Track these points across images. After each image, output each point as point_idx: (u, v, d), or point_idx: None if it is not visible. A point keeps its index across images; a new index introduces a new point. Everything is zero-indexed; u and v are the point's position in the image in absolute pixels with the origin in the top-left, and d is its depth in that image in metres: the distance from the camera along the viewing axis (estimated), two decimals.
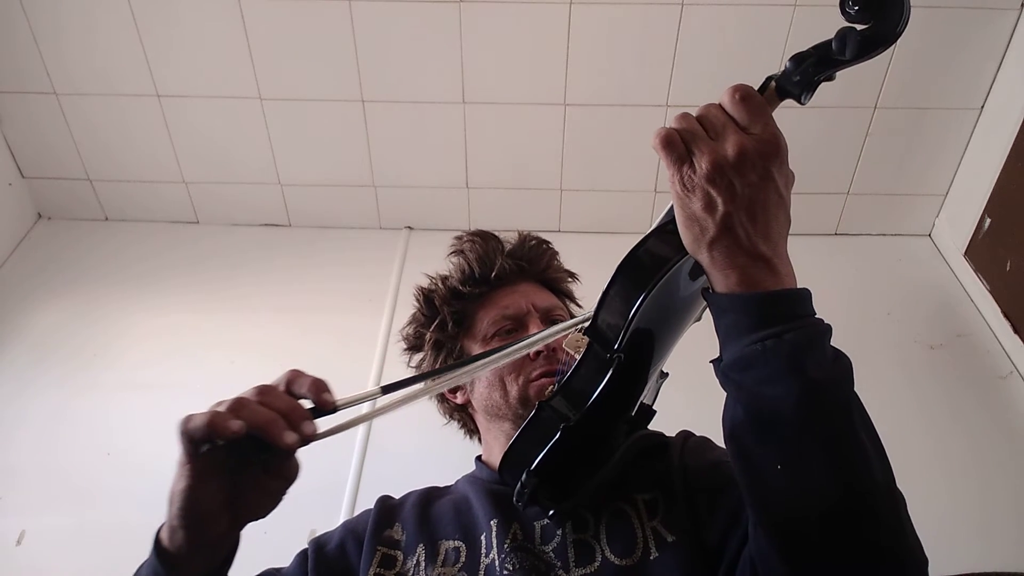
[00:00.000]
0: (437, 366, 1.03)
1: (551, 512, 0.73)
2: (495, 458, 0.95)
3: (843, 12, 0.56)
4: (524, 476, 0.70)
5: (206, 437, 0.56)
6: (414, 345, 1.08)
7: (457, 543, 0.82)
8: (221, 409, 0.56)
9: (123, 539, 1.40)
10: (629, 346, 0.64)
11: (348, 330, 1.81)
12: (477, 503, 0.86)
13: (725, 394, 0.61)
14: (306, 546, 0.86)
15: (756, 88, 0.59)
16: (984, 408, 1.66)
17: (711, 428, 0.87)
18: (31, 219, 2.14)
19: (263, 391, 0.58)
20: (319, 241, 2.09)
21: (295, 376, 0.60)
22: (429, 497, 0.91)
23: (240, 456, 0.58)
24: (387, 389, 0.64)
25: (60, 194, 2.11)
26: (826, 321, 0.59)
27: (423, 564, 0.80)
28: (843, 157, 2.00)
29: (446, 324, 1.01)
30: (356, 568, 0.82)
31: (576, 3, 1.77)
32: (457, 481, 0.97)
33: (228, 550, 0.64)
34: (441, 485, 0.96)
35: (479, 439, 1.05)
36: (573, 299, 1.11)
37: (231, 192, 2.10)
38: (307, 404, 0.59)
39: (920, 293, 1.95)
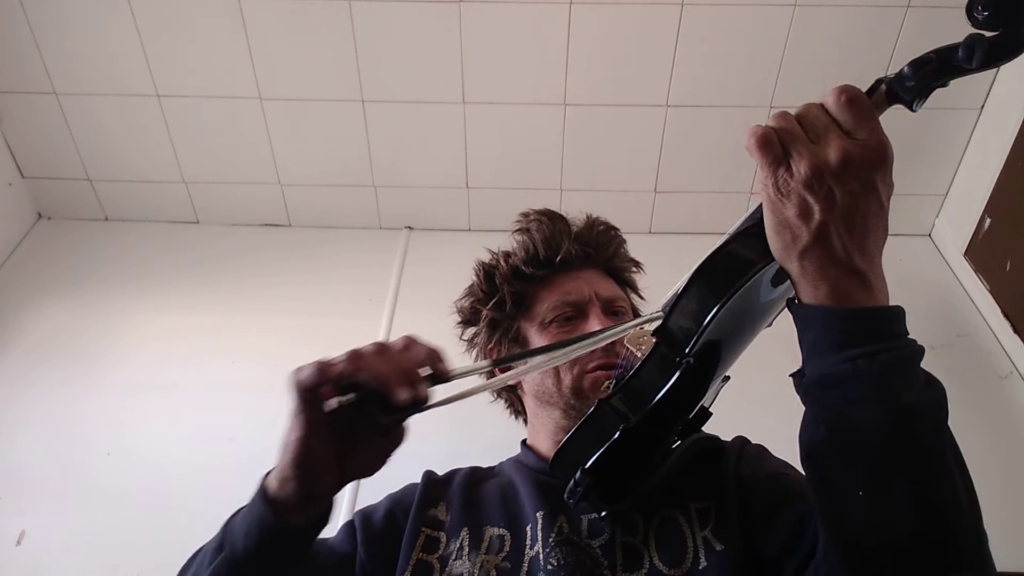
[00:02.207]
0: (491, 345, 1.00)
1: (603, 513, 0.71)
2: (541, 444, 0.94)
3: (970, 17, 0.52)
4: (578, 474, 0.67)
5: (315, 384, 0.56)
6: (468, 319, 1.06)
7: (502, 531, 0.81)
8: (341, 363, 0.56)
9: (123, 539, 1.41)
10: (699, 351, 0.62)
11: (348, 330, 1.80)
12: (524, 492, 0.84)
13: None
14: (351, 518, 0.86)
15: (866, 90, 0.56)
16: (984, 408, 1.66)
17: (765, 433, 0.86)
18: (31, 219, 2.14)
19: (381, 348, 0.58)
20: (319, 241, 2.09)
21: (412, 341, 0.60)
22: (475, 478, 0.90)
23: (357, 412, 0.57)
24: (498, 363, 0.66)
25: (60, 194, 2.11)
26: (919, 342, 0.56)
27: (466, 549, 0.79)
28: None
29: (504, 303, 0.98)
30: (399, 538, 0.81)
31: (576, 3, 1.77)
32: (502, 463, 0.95)
33: (328, 507, 0.64)
34: (484, 466, 0.95)
35: (524, 420, 1.03)
36: (636, 290, 1.08)
37: (231, 192, 2.10)
38: (423, 371, 0.59)
39: (920, 293, 1.95)
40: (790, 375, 0.59)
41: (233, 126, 1.98)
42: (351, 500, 1.48)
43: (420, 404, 0.57)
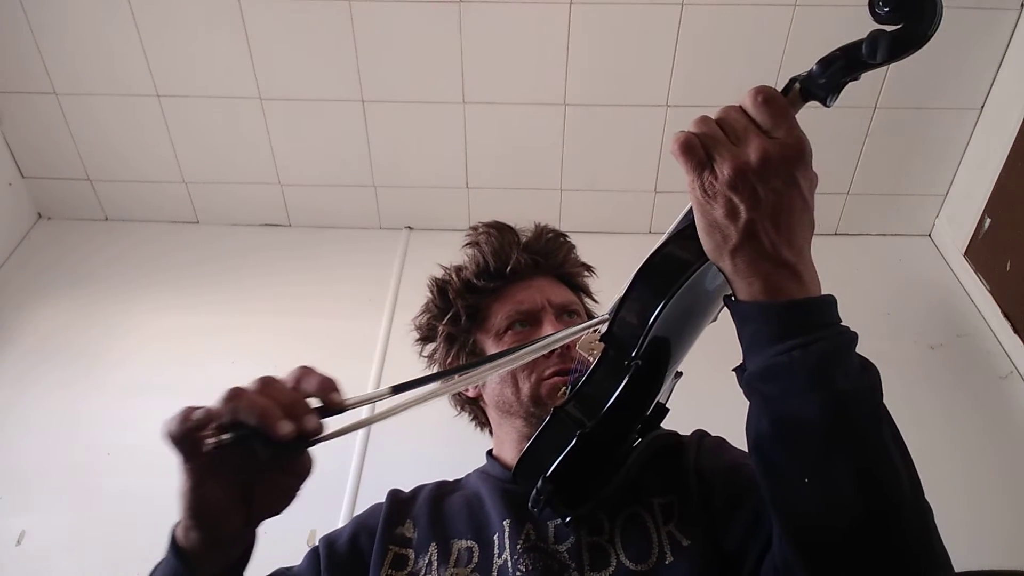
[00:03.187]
0: (450, 359, 1.01)
1: (567, 519, 0.72)
2: (506, 453, 0.94)
3: (872, 13, 0.54)
4: (540, 482, 0.68)
5: (183, 431, 0.55)
6: (426, 336, 1.07)
7: (470, 543, 0.81)
8: (220, 403, 0.55)
9: (123, 539, 1.41)
10: (646, 351, 0.63)
11: (348, 330, 1.81)
12: (490, 502, 0.85)
13: (739, 395, 0.59)
14: (316, 544, 0.85)
15: (781, 89, 0.58)
16: (984, 408, 1.66)
17: (724, 426, 0.87)
18: (31, 219, 2.14)
19: (265, 382, 0.56)
20: (319, 241, 2.09)
21: (304, 373, 0.58)
22: (441, 492, 0.90)
23: (244, 452, 0.55)
24: (397, 389, 0.61)
25: (60, 194, 2.11)
26: (852, 328, 0.57)
27: (435, 564, 0.79)
28: (843, 157, 2.00)
29: (459, 318, 0.99)
30: (369, 562, 0.81)
31: (576, 3, 1.77)
32: (468, 475, 0.96)
33: (245, 547, 0.63)
34: (450, 479, 0.96)
35: (490, 432, 1.03)
36: (589, 294, 1.10)
37: (231, 192, 2.10)
38: (315, 403, 0.57)
39: (920, 293, 1.95)
40: (732, 370, 0.61)
41: (233, 126, 1.98)
42: (349, 510, 1.48)
43: (308, 437, 0.55)
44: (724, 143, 0.56)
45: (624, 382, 0.65)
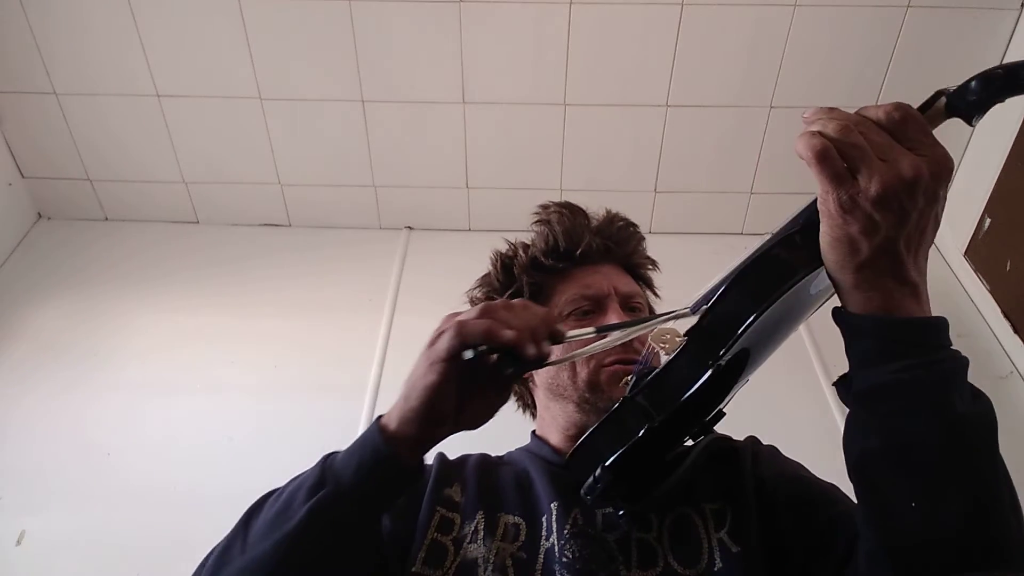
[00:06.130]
0: None
1: (621, 512, 0.71)
2: (551, 435, 0.93)
3: None
4: (598, 471, 0.67)
5: (478, 343, 0.58)
6: None
7: (518, 519, 0.80)
8: (476, 318, 0.59)
9: (123, 539, 1.41)
10: (731, 354, 0.61)
11: (348, 329, 1.81)
12: (539, 482, 0.83)
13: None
14: None
15: (922, 103, 0.56)
16: None
17: (770, 433, 0.87)
18: (31, 219, 2.14)
19: (508, 307, 0.61)
20: (319, 241, 2.10)
21: (528, 303, 0.63)
22: (488, 463, 0.89)
23: (480, 363, 0.59)
24: (601, 330, 0.69)
25: (60, 194, 2.11)
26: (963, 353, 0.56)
27: (481, 533, 0.78)
28: None
29: (522, 294, 0.96)
30: (418, 511, 0.81)
31: (576, 3, 1.77)
32: (511, 453, 0.94)
33: (421, 461, 0.67)
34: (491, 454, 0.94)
35: (532, 414, 1.02)
36: (653, 289, 1.07)
37: (231, 192, 2.10)
38: None
39: None
40: (833, 384, 0.59)
41: (233, 126, 1.98)
42: None
43: (542, 360, 0.60)
44: (872, 157, 0.53)
45: (701, 381, 0.62)
